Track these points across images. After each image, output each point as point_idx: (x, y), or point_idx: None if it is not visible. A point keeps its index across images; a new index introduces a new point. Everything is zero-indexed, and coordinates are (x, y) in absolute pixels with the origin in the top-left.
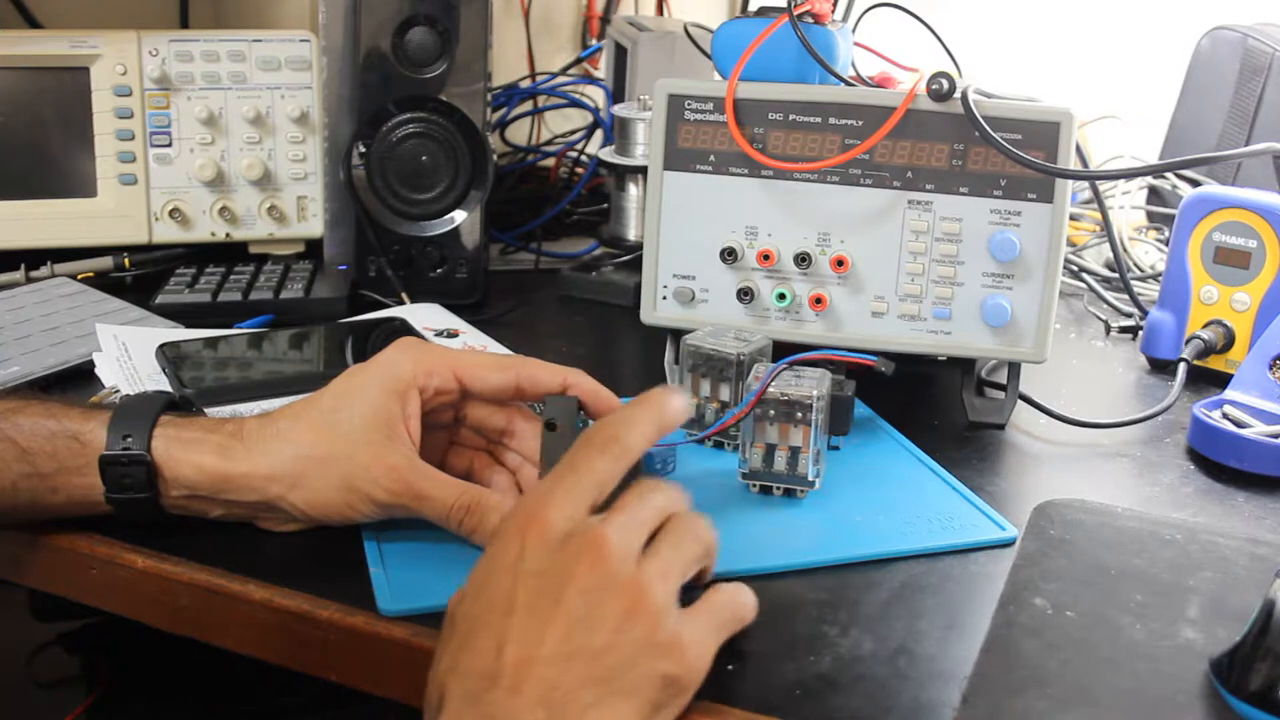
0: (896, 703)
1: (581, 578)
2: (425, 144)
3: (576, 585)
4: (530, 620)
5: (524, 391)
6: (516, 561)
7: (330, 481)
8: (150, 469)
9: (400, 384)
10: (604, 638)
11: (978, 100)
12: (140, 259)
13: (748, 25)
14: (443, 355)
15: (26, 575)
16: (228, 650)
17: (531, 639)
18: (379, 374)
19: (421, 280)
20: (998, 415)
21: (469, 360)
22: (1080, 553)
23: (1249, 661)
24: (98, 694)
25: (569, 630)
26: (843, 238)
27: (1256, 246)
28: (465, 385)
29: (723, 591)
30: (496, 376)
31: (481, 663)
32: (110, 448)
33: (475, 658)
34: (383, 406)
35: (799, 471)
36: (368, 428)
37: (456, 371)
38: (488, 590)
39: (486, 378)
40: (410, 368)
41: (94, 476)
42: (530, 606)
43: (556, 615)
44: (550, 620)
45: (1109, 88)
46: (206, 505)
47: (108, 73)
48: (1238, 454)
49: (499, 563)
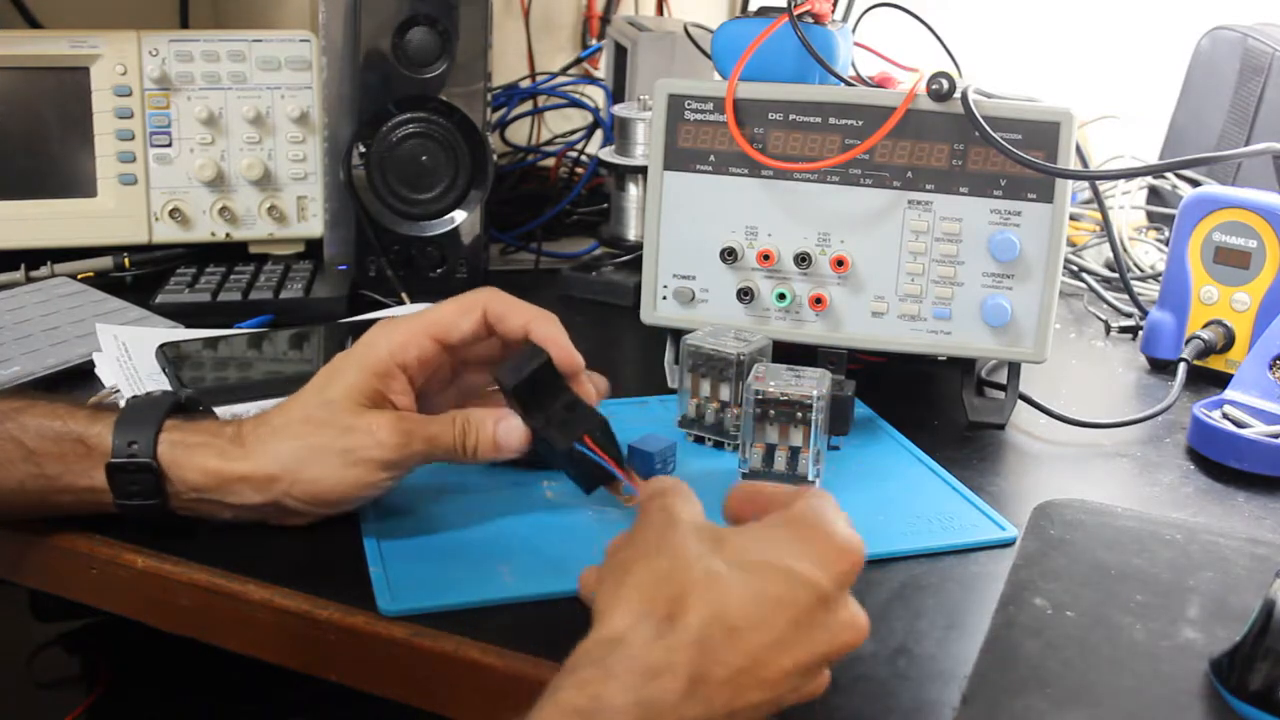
0: (896, 703)
1: (834, 649)
2: (425, 144)
3: (825, 650)
4: (795, 638)
5: (495, 329)
6: (819, 586)
7: (332, 465)
8: (157, 475)
9: (380, 365)
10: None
11: (978, 100)
12: (140, 259)
13: (748, 25)
14: (414, 323)
15: (26, 575)
16: (228, 650)
17: (778, 659)
18: (357, 357)
19: (421, 280)
20: (998, 415)
21: (437, 317)
22: (1080, 553)
23: (1249, 661)
24: (98, 694)
25: (795, 675)
26: (843, 238)
27: (1256, 246)
28: (442, 341)
29: None
30: (466, 322)
31: (752, 650)
32: (116, 454)
33: (746, 641)
34: (365, 384)
35: (799, 471)
36: (354, 404)
37: (430, 333)
38: (783, 589)
39: (458, 325)
40: (386, 347)
41: (101, 481)
42: (802, 628)
43: (803, 657)
44: (797, 655)
45: (1109, 88)
46: (216, 508)
47: (108, 73)
48: (1237, 454)
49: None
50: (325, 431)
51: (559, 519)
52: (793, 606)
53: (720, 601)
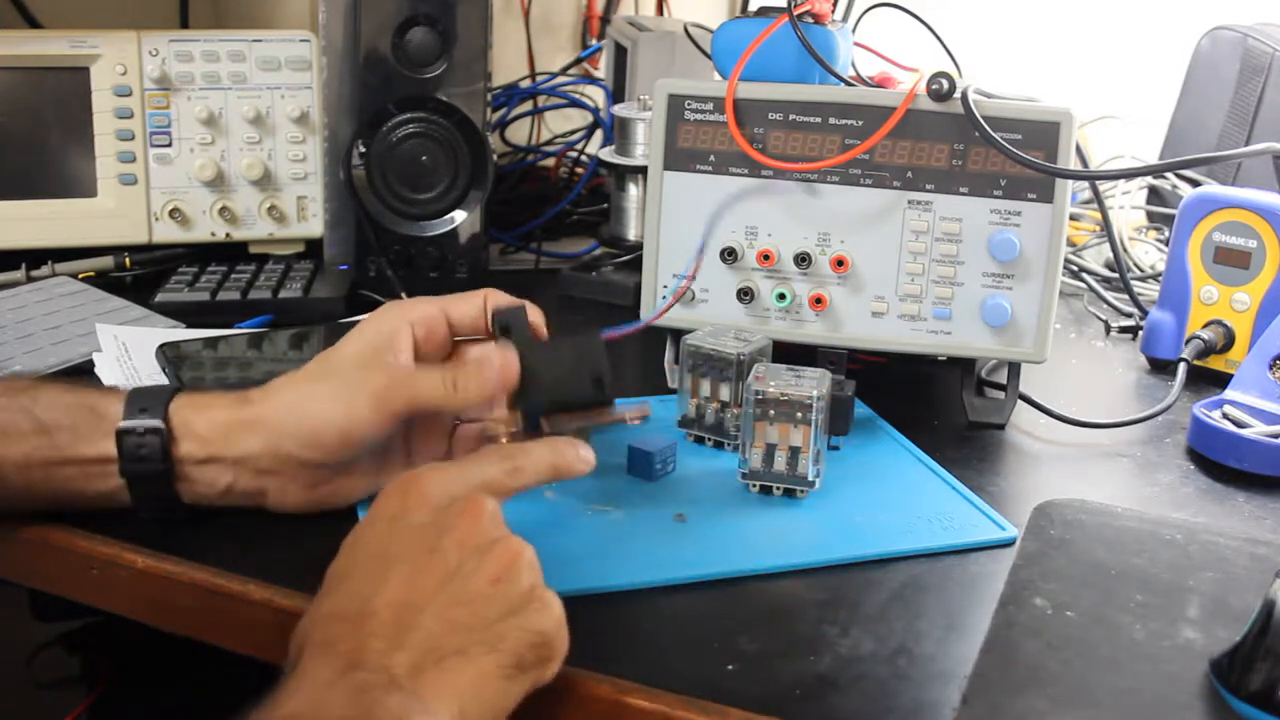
0: (896, 703)
1: (461, 531)
2: (425, 144)
3: (454, 538)
4: (403, 567)
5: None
6: (396, 516)
7: (327, 400)
8: (165, 438)
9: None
10: (477, 588)
11: (978, 100)
12: (141, 259)
13: (748, 25)
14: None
15: (26, 575)
16: (228, 650)
17: (403, 585)
18: (361, 326)
19: (421, 280)
20: (998, 415)
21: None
22: (1080, 553)
23: (1249, 661)
24: (98, 694)
25: (443, 579)
26: (843, 238)
27: (1256, 246)
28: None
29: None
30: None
31: (348, 607)
32: (128, 418)
33: (344, 602)
34: (370, 343)
35: (799, 471)
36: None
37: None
38: (362, 543)
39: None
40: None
41: (109, 449)
42: (404, 555)
43: (432, 564)
44: (424, 569)
45: (1109, 88)
46: (218, 471)
47: (108, 73)
48: (1237, 454)
49: (376, 517)
50: (325, 378)
51: (559, 519)
52: (384, 555)
53: (317, 607)
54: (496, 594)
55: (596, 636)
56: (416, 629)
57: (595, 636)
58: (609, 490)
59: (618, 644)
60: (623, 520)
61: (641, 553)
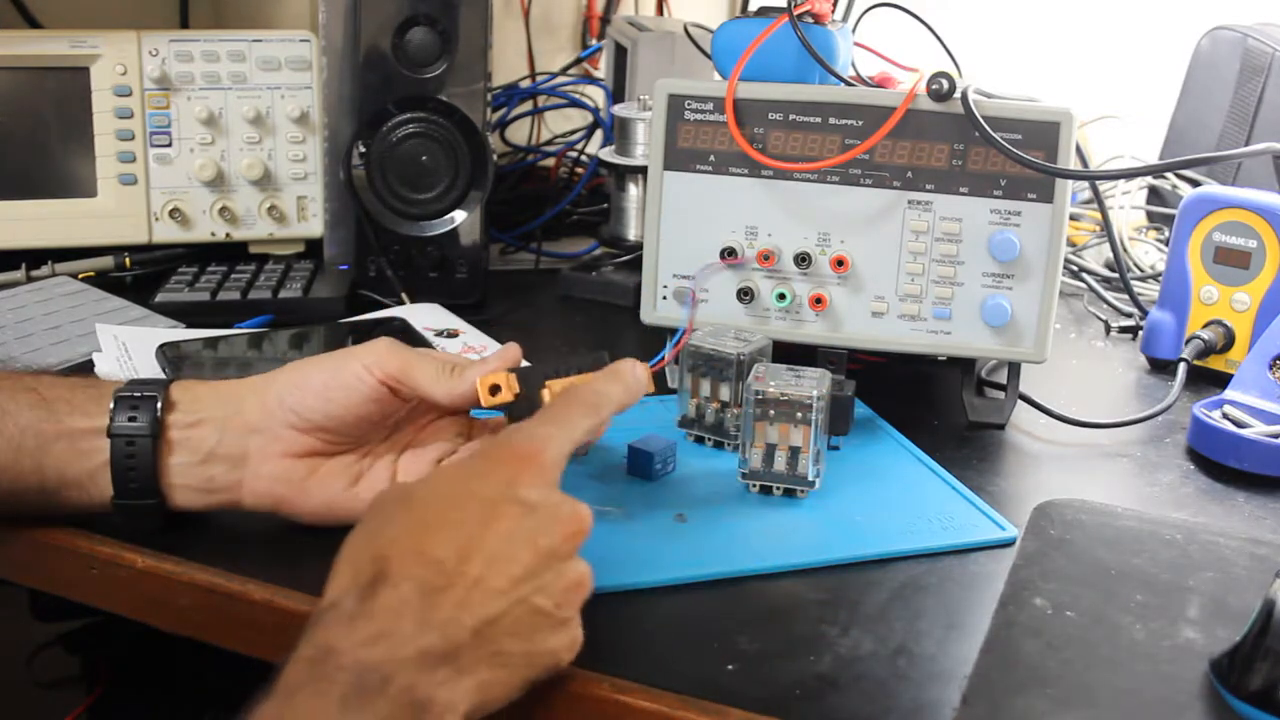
0: (896, 703)
1: (556, 541)
2: (425, 144)
3: (549, 543)
4: (506, 546)
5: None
6: (508, 485)
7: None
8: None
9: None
10: (541, 604)
11: (978, 100)
12: (141, 259)
13: (748, 25)
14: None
15: (27, 575)
16: (228, 650)
17: (499, 566)
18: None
19: (421, 280)
20: (998, 415)
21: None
22: (1080, 553)
23: (1249, 661)
24: (98, 694)
25: (527, 577)
26: (843, 238)
27: (1256, 246)
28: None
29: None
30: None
31: (446, 556)
32: (126, 389)
33: (440, 548)
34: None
35: (799, 471)
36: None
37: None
38: (470, 490)
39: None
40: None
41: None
42: (510, 533)
43: (525, 558)
44: (518, 559)
45: (1109, 88)
46: (204, 433)
47: (108, 73)
48: (1237, 454)
49: (489, 475)
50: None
51: None
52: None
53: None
54: (555, 613)
55: (596, 636)
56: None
57: (595, 636)
58: (609, 490)
59: (618, 644)
60: (623, 520)
61: (642, 553)
